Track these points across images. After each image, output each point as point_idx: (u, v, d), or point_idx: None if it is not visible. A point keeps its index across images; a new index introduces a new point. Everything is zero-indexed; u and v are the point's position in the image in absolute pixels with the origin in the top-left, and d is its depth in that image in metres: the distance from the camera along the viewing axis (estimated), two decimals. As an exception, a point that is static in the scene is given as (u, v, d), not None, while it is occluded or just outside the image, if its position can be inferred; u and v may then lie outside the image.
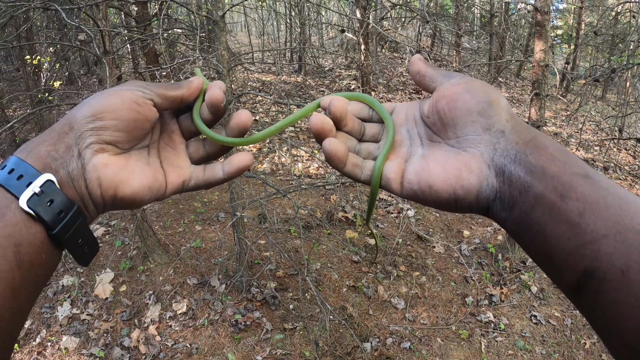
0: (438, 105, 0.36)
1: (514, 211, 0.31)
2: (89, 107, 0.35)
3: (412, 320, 3.08)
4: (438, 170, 0.35)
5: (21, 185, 0.31)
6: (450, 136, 0.36)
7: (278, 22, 11.52)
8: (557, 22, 12.62)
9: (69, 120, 0.35)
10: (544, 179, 0.29)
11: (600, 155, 6.27)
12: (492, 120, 0.33)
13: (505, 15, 7.77)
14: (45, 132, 0.35)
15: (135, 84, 0.38)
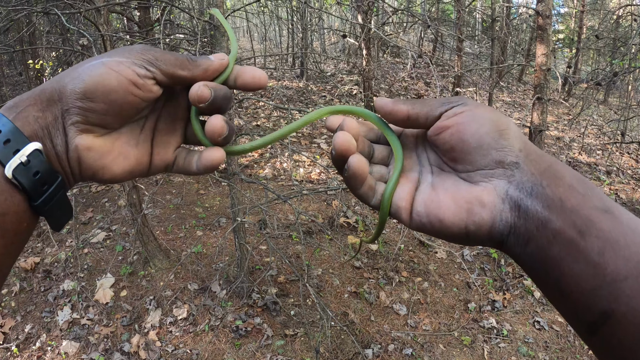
0: (443, 137, 0.34)
1: (530, 247, 0.29)
2: (81, 82, 0.32)
3: (414, 327, 3.06)
4: (449, 204, 0.33)
5: (8, 152, 0.30)
6: (460, 169, 0.33)
7: (280, 27, 11.56)
8: (558, 27, 12.64)
9: (59, 87, 0.33)
10: (563, 213, 0.28)
11: (602, 160, 6.25)
12: (505, 152, 0.31)
13: (506, 20, 7.78)
14: (36, 91, 0.33)
15: (141, 55, 0.34)
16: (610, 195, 5.17)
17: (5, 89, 5.96)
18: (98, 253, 3.60)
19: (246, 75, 0.37)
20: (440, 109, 0.34)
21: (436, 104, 0.35)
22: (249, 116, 6.52)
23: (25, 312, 3.01)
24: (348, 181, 0.35)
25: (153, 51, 0.34)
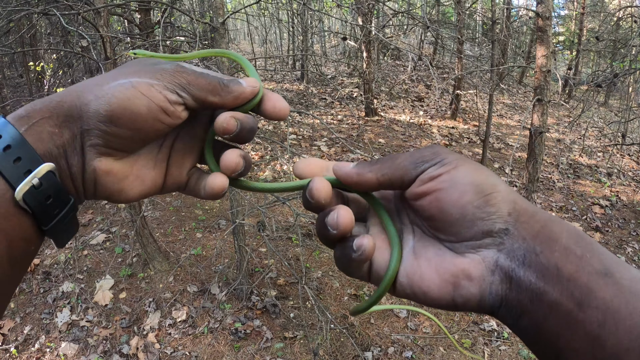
0: (421, 204, 0.30)
1: (523, 320, 0.26)
2: (106, 103, 0.29)
3: (414, 329, 3.05)
4: (432, 277, 0.29)
5: (18, 172, 0.27)
6: (443, 238, 0.30)
7: (280, 30, 11.59)
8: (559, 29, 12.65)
9: (80, 104, 0.29)
10: (559, 283, 0.25)
11: (603, 161, 6.24)
12: (493, 220, 0.28)
13: (507, 22, 7.78)
14: (52, 102, 0.29)
15: (173, 77, 0.31)
16: (612, 197, 5.16)
17: (6, 91, 5.97)
18: (97, 255, 3.59)
19: (267, 104, 0.34)
20: (415, 172, 0.30)
21: (409, 165, 0.30)
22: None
23: (24, 314, 3.00)
24: (351, 263, 0.31)
25: (186, 73, 0.31)
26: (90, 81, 0.31)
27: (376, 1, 5.33)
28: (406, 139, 6.46)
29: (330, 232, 0.30)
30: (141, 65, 0.32)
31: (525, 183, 3.48)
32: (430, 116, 7.71)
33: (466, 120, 7.61)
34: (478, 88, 7.90)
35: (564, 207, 4.86)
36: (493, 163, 5.91)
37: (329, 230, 0.30)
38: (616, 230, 4.52)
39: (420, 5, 9.87)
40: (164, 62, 0.33)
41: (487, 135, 5.60)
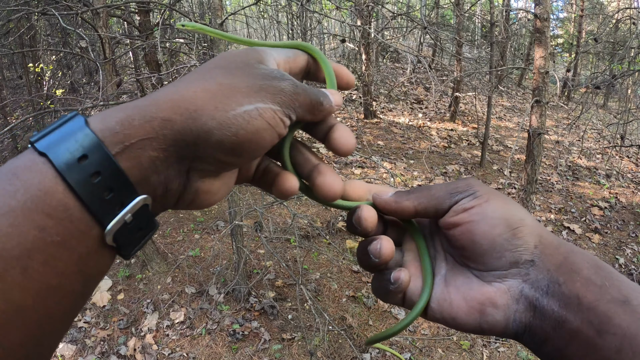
0: (453, 234, 0.32)
1: (546, 347, 0.28)
2: (233, 134, 0.26)
3: (412, 331, 3.04)
4: (460, 303, 0.31)
5: (110, 207, 0.23)
6: (472, 267, 0.32)
7: (280, 32, 11.61)
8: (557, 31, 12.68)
9: (197, 129, 0.25)
10: (580, 311, 0.27)
11: (602, 163, 6.24)
12: (520, 252, 0.30)
13: (505, 24, 7.80)
14: (156, 119, 0.24)
15: (291, 101, 0.28)
16: (611, 199, 5.16)
17: (6, 92, 5.98)
18: (95, 256, 3.59)
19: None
20: (449, 202, 0.32)
21: (444, 196, 0.32)
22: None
23: (21, 316, 2.99)
24: (388, 293, 0.33)
25: (298, 94, 0.29)
26: (202, 94, 0.26)
27: (375, 3, 5.34)
28: (405, 141, 6.47)
29: (372, 259, 0.32)
30: (250, 73, 0.28)
31: (523, 185, 3.48)
32: (429, 118, 7.72)
33: (465, 123, 7.62)
34: (477, 90, 7.91)
35: (562, 209, 4.86)
36: (492, 165, 5.92)
37: (371, 258, 0.32)
38: (615, 231, 4.51)
39: (419, 7, 9.91)
40: (276, 74, 0.29)
41: (485, 137, 5.61)
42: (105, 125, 0.24)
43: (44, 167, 0.22)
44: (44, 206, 0.21)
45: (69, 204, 0.22)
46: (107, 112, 0.25)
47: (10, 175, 0.22)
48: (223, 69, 0.28)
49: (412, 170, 5.46)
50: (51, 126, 0.24)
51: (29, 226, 0.21)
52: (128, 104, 0.25)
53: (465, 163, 5.86)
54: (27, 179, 0.22)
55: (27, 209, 0.21)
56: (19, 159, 0.23)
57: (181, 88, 0.26)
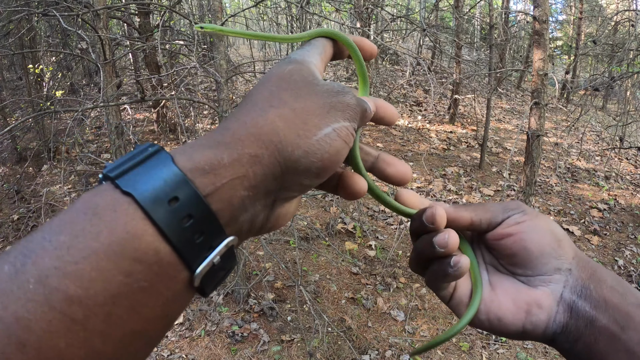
0: (505, 243, 0.36)
1: (579, 344, 0.33)
2: (319, 160, 0.26)
3: (411, 333, 3.04)
4: (509, 305, 0.35)
5: (199, 250, 0.22)
6: (520, 273, 0.36)
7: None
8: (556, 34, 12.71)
9: (284, 160, 0.25)
10: (607, 311, 0.32)
11: (601, 165, 6.25)
12: (562, 260, 0.35)
13: (504, 27, 7.82)
14: (242, 154, 0.24)
15: (357, 114, 0.30)
16: (610, 200, 5.16)
17: (5, 93, 5.98)
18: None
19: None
20: (502, 216, 0.37)
21: (497, 211, 0.37)
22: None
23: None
24: (445, 278, 0.35)
25: (360, 107, 0.30)
26: (281, 124, 0.26)
27: (375, 6, 5.35)
28: (404, 144, 6.47)
29: (436, 250, 0.34)
30: (316, 93, 0.29)
31: (523, 187, 3.49)
32: (429, 121, 7.73)
33: (464, 125, 7.63)
34: (476, 92, 7.92)
35: (562, 211, 4.87)
36: (491, 167, 5.92)
37: (436, 248, 0.34)
38: (614, 233, 4.52)
39: (418, 10, 9.94)
40: (340, 89, 0.30)
41: (485, 139, 5.61)
42: (193, 165, 0.23)
43: (130, 208, 0.21)
44: (132, 250, 0.20)
45: (159, 248, 0.21)
46: (190, 149, 0.24)
47: (90, 215, 0.21)
48: (289, 91, 0.28)
49: (412, 172, 5.46)
50: (130, 160, 0.23)
51: (114, 271, 0.20)
52: (207, 139, 0.25)
53: (464, 165, 5.87)
54: (110, 219, 0.20)
55: (113, 253, 0.20)
56: (97, 195, 0.21)
57: (256, 116, 0.26)
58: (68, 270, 0.19)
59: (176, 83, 3.90)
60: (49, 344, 0.18)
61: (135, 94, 5.80)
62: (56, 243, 0.19)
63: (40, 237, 0.20)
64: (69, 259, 0.19)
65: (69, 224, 0.20)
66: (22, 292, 0.18)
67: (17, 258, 0.19)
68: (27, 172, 4.99)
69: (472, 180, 5.43)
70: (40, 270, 0.19)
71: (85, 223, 0.20)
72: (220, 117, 2.60)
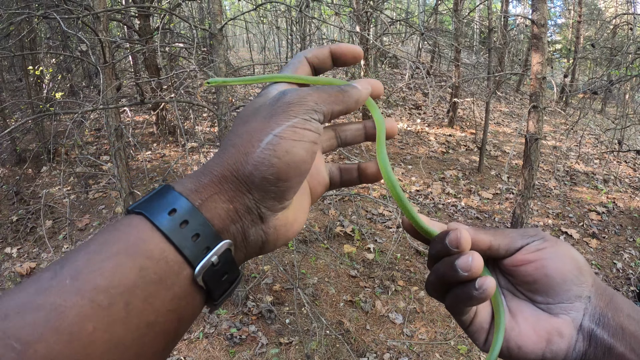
0: (525, 270, 0.36)
1: None
2: (270, 166, 0.29)
3: (410, 336, 3.03)
4: (529, 333, 0.35)
5: (198, 250, 0.27)
6: (540, 300, 0.36)
7: (279, 37, 11.65)
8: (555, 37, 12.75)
9: (243, 177, 0.29)
10: (624, 339, 0.32)
11: (600, 168, 6.26)
12: (582, 288, 0.35)
13: (503, 30, 7.84)
14: (215, 176, 0.29)
15: (303, 105, 0.31)
16: (608, 204, 5.17)
17: (5, 95, 5.98)
18: (93, 260, 3.58)
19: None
20: (521, 242, 0.36)
21: (516, 237, 0.37)
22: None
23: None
24: (468, 301, 0.33)
25: (310, 96, 0.32)
26: (234, 151, 0.30)
27: (374, 9, 5.37)
28: (403, 147, 6.48)
29: (459, 274, 0.33)
30: (260, 112, 0.32)
31: (521, 190, 3.49)
32: (428, 124, 7.74)
33: (463, 128, 7.64)
34: (475, 96, 7.94)
35: (560, 214, 4.87)
36: (490, 170, 5.93)
37: (459, 272, 0.33)
38: (613, 236, 4.52)
39: (418, 13, 9.97)
40: (279, 95, 0.32)
41: (484, 142, 5.62)
42: (184, 187, 0.29)
43: (140, 222, 0.27)
44: (144, 250, 0.25)
45: (164, 248, 0.26)
46: (182, 181, 0.30)
47: (111, 229, 0.27)
48: (241, 124, 0.32)
49: (410, 176, 5.47)
50: (144, 197, 0.29)
51: (131, 266, 0.25)
52: (194, 174, 0.31)
53: (463, 168, 5.87)
54: (126, 231, 0.26)
55: (129, 253, 0.25)
56: (118, 220, 0.28)
57: (225, 146, 0.31)
58: (96, 267, 0.24)
59: (176, 86, 3.90)
60: (79, 327, 0.22)
61: (135, 96, 5.81)
62: (87, 250, 0.25)
63: (75, 251, 0.25)
64: (97, 259, 0.24)
65: (96, 237, 0.26)
66: (59, 287, 0.23)
67: (56, 266, 0.24)
68: (26, 173, 4.99)
69: (470, 183, 5.43)
70: (74, 270, 0.24)
71: (108, 235, 0.26)
72: (219, 119, 2.60)
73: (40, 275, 0.24)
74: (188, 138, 5.22)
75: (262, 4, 2.66)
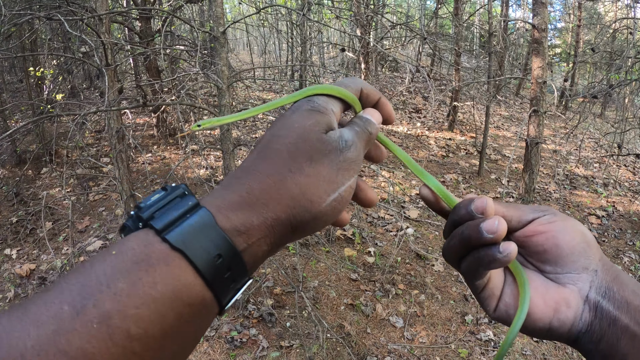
0: (536, 240, 0.37)
1: (602, 343, 0.34)
2: (328, 221, 0.33)
3: (410, 339, 3.03)
4: (538, 302, 0.36)
5: (231, 292, 0.28)
6: (549, 270, 0.38)
7: (280, 40, 11.68)
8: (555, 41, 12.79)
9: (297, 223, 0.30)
10: (629, 312, 0.33)
11: (599, 172, 6.27)
12: (590, 260, 0.36)
13: (504, 34, 7.87)
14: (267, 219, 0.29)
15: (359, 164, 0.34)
16: (608, 207, 5.18)
17: (6, 96, 5.98)
18: (93, 262, 3.57)
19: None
20: (533, 215, 0.38)
21: (528, 210, 0.39)
22: (247, 128, 6.55)
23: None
24: (491, 264, 0.34)
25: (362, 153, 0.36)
26: (297, 192, 0.30)
27: (375, 13, 5.39)
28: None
29: (485, 236, 0.34)
30: (329, 156, 0.32)
31: (521, 193, 3.50)
32: (428, 127, 7.75)
33: (463, 132, 7.66)
34: (475, 100, 7.95)
35: (560, 218, 4.87)
36: (490, 174, 5.94)
37: (484, 234, 0.34)
38: (613, 240, 4.53)
39: (418, 17, 10.00)
40: (343, 146, 0.33)
41: (483, 146, 5.63)
42: (231, 225, 0.28)
43: (181, 263, 0.25)
44: (185, 297, 0.25)
45: (206, 297, 0.26)
46: (225, 205, 0.29)
47: (145, 266, 0.24)
48: (306, 155, 0.31)
49: (411, 179, 5.47)
50: (169, 209, 0.28)
51: (169, 314, 0.24)
52: (235, 194, 0.29)
53: (463, 172, 5.88)
54: (165, 272, 0.25)
55: (168, 300, 0.24)
56: (147, 247, 0.25)
57: (277, 181, 0.30)
58: (129, 314, 0.23)
59: (177, 88, 3.91)
60: None
61: (137, 98, 5.81)
62: (115, 289, 0.23)
63: (96, 282, 0.23)
64: (129, 304, 0.23)
65: (125, 273, 0.24)
66: (86, 331, 0.22)
67: (75, 300, 0.22)
68: (26, 174, 4.99)
69: (470, 187, 5.44)
70: (102, 313, 0.22)
71: (141, 273, 0.24)
72: (221, 122, 2.60)
73: (57, 309, 0.22)
74: (189, 141, 5.22)
75: (265, 8, 2.67)
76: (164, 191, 0.30)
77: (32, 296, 0.24)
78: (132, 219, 0.28)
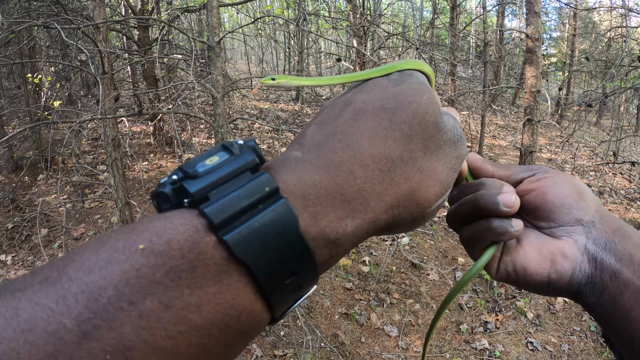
0: (527, 198, 0.37)
1: (604, 296, 0.32)
2: (420, 225, 0.29)
3: (405, 348, 3.02)
4: (534, 255, 0.36)
5: (288, 305, 0.21)
6: (543, 225, 0.37)
7: (277, 50, 11.75)
8: (551, 50, 12.89)
9: (390, 226, 0.26)
10: (632, 265, 0.32)
11: (595, 180, 6.29)
12: (584, 212, 0.35)
13: (499, 44, 7.94)
14: (364, 220, 0.23)
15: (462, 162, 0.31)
16: (603, 217, 5.19)
17: (3, 102, 6.00)
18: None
19: None
20: (523, 174, 0.38)
21: (519, 170, 0.38)
22: (244, 137, 6.58)
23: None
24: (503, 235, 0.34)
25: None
26: (408, 189, 0.25)
27: (371, 23, 5.44)
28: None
29: (500, 208, 0.34)
30: (444, 147, 0.28)
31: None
32: (425, 135, 7.76)
33: (460, 140, 7.67)
34: (471, 109, 8.00)
35: (556, 227, 4.88)
36: (486, 182, 5.95)
37: (500, 207, 0.34)
38: (608, 250, 4.52)
39: (414, 27, 10.09)
40: (457, 139, 0.29)
41: (480, 155, 5.64)
42: (319, 231, 0.21)
43: (240, 279, 0.19)
44: (238, 325, 0.19)
45: (264, 320, 0.20)
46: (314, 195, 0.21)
47: (188, 277, 0.17)
48: (421, 142, 0.26)
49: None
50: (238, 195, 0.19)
51: (216, 345, 0.18)
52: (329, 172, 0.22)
53: (459, 180, 5.89)
54: (215, 292, 0.18)
55: (217, 329, 0.18)
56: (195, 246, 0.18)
57: (382, 167, 0.24)
58: (159, 345, 0.16)
59: (174, 97, 3.93)
60: None
61: (133, 107, 5.83)
62: (141, 308, 0.16)
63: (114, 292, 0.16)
64: (160, 332, 0.16)
65: (153, 285, 0.17)
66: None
67: (82, 314, 0.16)
68: (22, 181, 4.98)
69: (467, 195, 5.44)
70: (120, 341, 0.16)
71: (179, 291, 0.17)
72: (216, 131, 2.62)
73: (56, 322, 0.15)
74: (185, 149, 5.23)
75: (260, 18, 2.70)
76: (228, 153, 0.21)
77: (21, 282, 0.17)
78: (174, 188, 0.20)
